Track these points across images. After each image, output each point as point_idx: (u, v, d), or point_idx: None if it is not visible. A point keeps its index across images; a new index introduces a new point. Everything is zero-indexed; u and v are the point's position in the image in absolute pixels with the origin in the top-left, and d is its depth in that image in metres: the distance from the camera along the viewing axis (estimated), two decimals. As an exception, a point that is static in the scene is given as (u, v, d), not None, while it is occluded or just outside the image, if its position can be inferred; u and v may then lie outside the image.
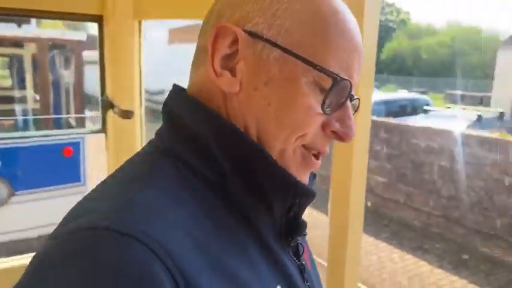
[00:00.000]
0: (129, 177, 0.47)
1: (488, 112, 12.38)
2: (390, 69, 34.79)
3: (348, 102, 0.50)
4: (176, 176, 0.47)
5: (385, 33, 41.62)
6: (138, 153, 0.53)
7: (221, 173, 0.48)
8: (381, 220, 6.65)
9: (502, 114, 12.66)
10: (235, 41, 0.48)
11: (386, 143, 6.55)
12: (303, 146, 0.51)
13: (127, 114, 1.04)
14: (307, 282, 0.55)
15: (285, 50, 0.47)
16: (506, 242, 4.96)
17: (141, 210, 0.41)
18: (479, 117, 10.91)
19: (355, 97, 0.53)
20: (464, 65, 33.97)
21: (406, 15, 43.69)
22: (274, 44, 0.47)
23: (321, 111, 0.48)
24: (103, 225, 0.38)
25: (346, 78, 0.48)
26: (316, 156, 0.52)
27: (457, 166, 5.48)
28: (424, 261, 5.33)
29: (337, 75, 0.47)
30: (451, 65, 34.07)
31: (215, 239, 0.44)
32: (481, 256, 5.18)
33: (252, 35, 0.48)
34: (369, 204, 7.06)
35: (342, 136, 0.51)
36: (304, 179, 0.53)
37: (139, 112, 1.16)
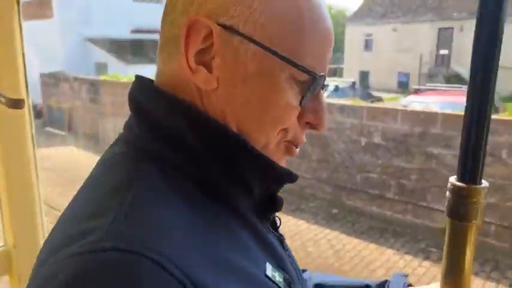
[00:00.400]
0: (114, 185, 0.44)
1: (343, 82, 13.86)
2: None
3: (321, 92, 0.52)
4: (159, 179, 0.45)
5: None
6: (111, 154, 0.51)
7: (203, 166, 0.48)
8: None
9: (354, 84, 14.31)
10: (209, 35, 0.46)
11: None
12: (289, 142, 0.53)
13: (16, 104, 0.96)
14: (287, 251, 0.59)
15: (262, 46, 0.46)
16: (365, 194, 5.77)
17: (145, 227, 0.39)
18: (336, 87, 12.18)
19: (325, 84, 0.54)
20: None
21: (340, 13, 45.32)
22: (251, 40, 0.46)
23: (298, 105, 0.49)
24: (108, 246, 0.36)
25: (322, 73, 0.49)
26: (296, 146, 0.54)
27: (323, 132, 6.10)
28: (302, 220, 5.90)
29: (314, 72, 0.48)
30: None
31: (216, 240, 0.44)
32: (347, 209, 5.94)
33: (227, 28, 0.46)
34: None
35: (316, 127, 0.52)
36: (283, 164, 0.54)
37: (28, 102, 1.07)
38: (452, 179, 0.63)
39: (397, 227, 5.40)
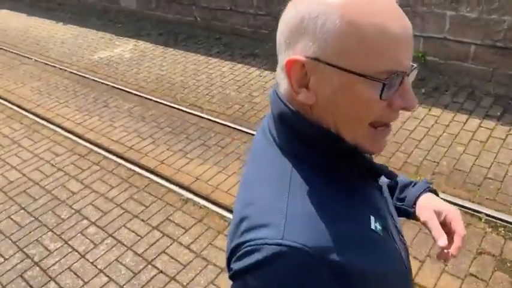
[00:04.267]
0: (277, 185, 0.63)
1: None
2: None
3: (405, 79, 0.61)
4: (309, 178, 0.64)
5: None
6: (268, 152, 0.69)
7: (332, 163, 0.66)
8: (212, 34, 6.09)
9: None
10: (303, 67, 0.62)
11: None
12: (381, 124, 0.65)
13: None
14: (384, 197, 0.78)
15: (337, 67, 0.59)
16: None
17: (299, 224, 0.58)
18: None
19: (412, 68, 0.63)
20: None
21: None
22: (328, 64, 0.60)
23: (379, 100, 0.60)
24: (279, 242, 0.56)
25: (395, 72, 0.59)
26: (387, 125, 0.66)
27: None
28: (253, 67, 5.07)
29: (381, 79, 0.59)
30: None
31: (342, 217, 0.62)
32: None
33: (313, 59, 0.61)
34: (198, 19, 6.34)
35: (406, 108, 0.63)
36: (380, 146, 0.67)
37: None
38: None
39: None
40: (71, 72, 5.39)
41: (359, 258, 0.59)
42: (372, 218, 0.66)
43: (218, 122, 4.00)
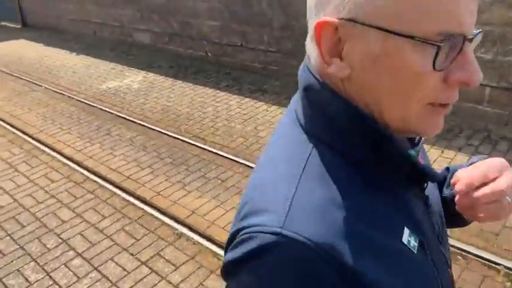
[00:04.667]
0: (291, 168, 0.53)
1: None
2: None
3: (467, 48, 0.48)
4: (331, 166, 0.53)
5: None
6: (290, 132, 0.58)
7: (364, 153, 0.54)
8: (222, 69, 6.08)
9: None
10: (335, 31, 0.50)
11: (211, -22, 5.59)
12: (435, 104, 0.51)
13: None
14: (429, 210, 0.62)
15: (379, 28, 0.48)
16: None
17: (306, 215, 0.48)
18: None
19: (475, 33, 0.50)
20: None
21: None
22: (369, 25, 0.48)
23: (434, 70, 0.48)
24: (277, 230, 0.46)
25: (453, 34, 0.47)
26: (445, 106, 0.52)
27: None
28: (261, 102, 4.99)
29: (435, 41, 0.46)
30: None
31: (361, 216, 0.51)
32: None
33: (348, 20, 0.49)
34: (209, 54, 6.37)
35: (466, 82, 0.49)
36: (437, 125, 0.53)
37: None
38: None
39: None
40: (77, 100, 5.37)
41: (377, 270, 0.49)
42: (406, 229, 0.55)
43: (220, 155, 3.86)
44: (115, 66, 6.72)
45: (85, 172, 3.74)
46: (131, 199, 3.32)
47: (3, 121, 4.91)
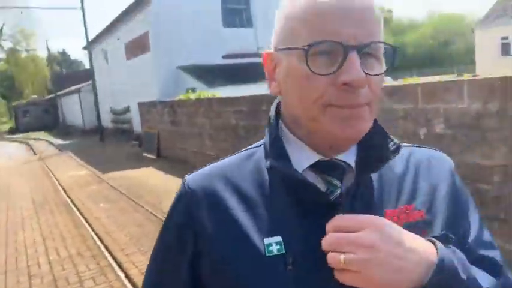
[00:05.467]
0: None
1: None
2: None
3: (351, 54, 0.57)
4: (253, 160, 0.72)
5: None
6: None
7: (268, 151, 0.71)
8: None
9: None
10: (272, 60, 0.68)
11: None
12: (333, 105, 0.60)
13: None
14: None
15: (281, 49, 0.64)
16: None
17: (203, 171, 0.75)
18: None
19: (364, 42, 0.58)
20: (450, 53, 33.09)
21: (388, 14, 43.15)
22: (279, 49, 0.65)
23: (318, 74, 0.59)
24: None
25: (320, 42, 0.58)
26: (342, 107, 0.60)
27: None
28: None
29: (307, 45, 0.58)
30: (436, 56, 33.23)
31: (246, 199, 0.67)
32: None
33: (274, 50, 0.67)
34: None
35: (350, 84, 0.58)
36: (350, 128, 0.61)
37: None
38: None
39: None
40: (166, 224, 5.56)
41: (227, 252, 0.64)
42: (271, 238, 0.63)
43: None
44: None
45: (136, 297, 3.61)
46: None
47: (96, 234, 5.28)
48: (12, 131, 34.61)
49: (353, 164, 0.67)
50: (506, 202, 3.47)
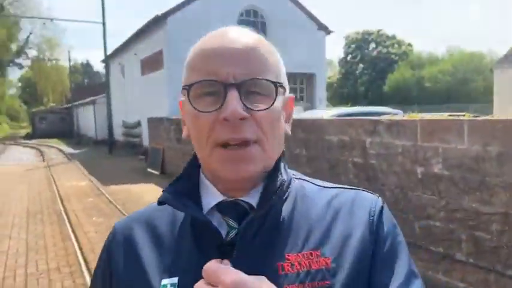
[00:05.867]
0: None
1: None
2: (394, 100, 33.82)
3: (231, 91, 0.60)
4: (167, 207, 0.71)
5: (387, 65, 41.04)
6: None
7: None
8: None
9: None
10: (182, 106, 0.72)
11: (305, 145, 5.59)
12: (219, 146, 0.62)
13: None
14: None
15: (183, 88, 0.67)
16: (426, 252, 3.84)
17: (130, 215, 0.77)
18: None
19: (244, 81, 0.61)
20: (468, 91, 32.76)
21: (408, 47, 43.16)
22: (183, 92, 0.68)
23: (204, 113, 0.62)
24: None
25: (199, 81, 0.62)
26: (240, 145, 0.62)
27: (371, 161, 4.47)
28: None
29: (189, 83, 0.64)
30: (454, 92, 32.93)
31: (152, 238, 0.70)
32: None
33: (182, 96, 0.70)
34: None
35: (227, 118, 0.60)
36: (233, 170, 0.62)
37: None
38: None
39: (472, 310, 3.32)
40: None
41: (124, 270, 0.70)
42: (170, 280, 0.64)
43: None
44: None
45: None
46: None
47: (80, 249, 5.13)
48: (28, 137, 35.18)
49: (255, 204, 0.65)
50: (505, 253, 3.22)
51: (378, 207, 0.69)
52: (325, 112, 9.23)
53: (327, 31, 16.52)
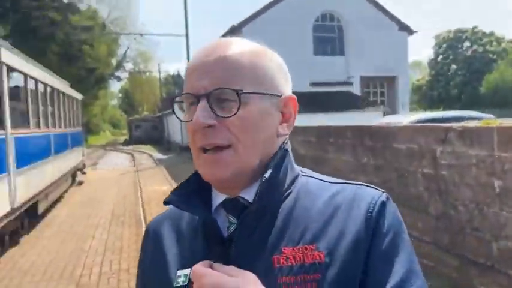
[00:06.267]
0: None
1: None
2: (492, 103, 30.79)
3: (200, 102, 0.67)
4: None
5: (484, 65, 37.55)
6: None
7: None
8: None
9: None
10: None
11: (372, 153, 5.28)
12: (201, 150, 0.69)
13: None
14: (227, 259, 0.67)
15: None
16: (506, 276, 3.38)
17: (162, 213, 0.86)
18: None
19: (210, 91, 0.67)
20: None
21: (508, 44, 39.02)
22: None
23: (185, 121, 0.71)
24: None
25: (185, 92, 0.71)
26: (215, 149, 0.68)
27: (441, 172, 4.07)
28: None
29: (180, 93, 0.73)
30: None
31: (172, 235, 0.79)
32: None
33: None
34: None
35: (190, 122, 0.68)
36: (208, 171, 0.69)
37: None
38: None
39: None
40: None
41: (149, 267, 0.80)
42: (181, 271, 0.71)
43: None
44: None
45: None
46: None
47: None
48: (125, 143, 38.52)
49: (251, 200, 0.69)
50: None
51: (378, 202, 0.68)
52: (405, 117, 8.67)
53: (410, 31, 15.60)
